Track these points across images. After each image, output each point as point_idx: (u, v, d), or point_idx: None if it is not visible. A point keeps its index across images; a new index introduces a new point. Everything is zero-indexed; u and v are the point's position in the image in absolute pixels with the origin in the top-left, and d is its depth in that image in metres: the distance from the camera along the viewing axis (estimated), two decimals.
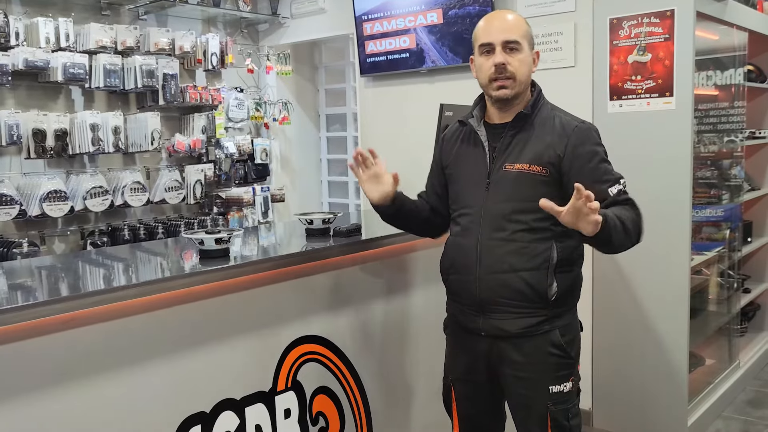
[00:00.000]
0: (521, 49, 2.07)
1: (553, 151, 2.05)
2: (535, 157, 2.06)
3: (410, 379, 2.83)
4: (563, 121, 2.10)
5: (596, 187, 1.98)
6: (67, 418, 1.81)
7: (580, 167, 2.04)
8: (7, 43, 3.78)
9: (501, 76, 2.06)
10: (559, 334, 2.10)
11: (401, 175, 2.28)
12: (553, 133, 2.07)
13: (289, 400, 2.34)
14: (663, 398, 3.40)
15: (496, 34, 2.07)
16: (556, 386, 2.10)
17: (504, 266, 2.06)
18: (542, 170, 2.05)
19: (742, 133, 4.16)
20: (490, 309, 2.10)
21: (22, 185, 3.90)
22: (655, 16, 3.22)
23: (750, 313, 4.67)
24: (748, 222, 4.48)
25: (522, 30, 2.09)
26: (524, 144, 2.09)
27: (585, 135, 2.08)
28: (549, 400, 2.09)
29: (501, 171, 2.10)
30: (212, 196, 4.90)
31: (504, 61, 2.05)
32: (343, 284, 2.55)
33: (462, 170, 2.21)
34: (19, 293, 1.99)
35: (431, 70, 4.27)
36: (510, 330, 2.09)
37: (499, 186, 2.09)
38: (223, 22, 5.11)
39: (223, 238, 2.22)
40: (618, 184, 2.03)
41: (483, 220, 2.10)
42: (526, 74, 2.10)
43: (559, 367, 2.10)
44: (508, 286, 2.06)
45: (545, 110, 2.14)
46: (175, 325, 2.03)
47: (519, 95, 2.11)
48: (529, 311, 2.08)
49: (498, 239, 2.07)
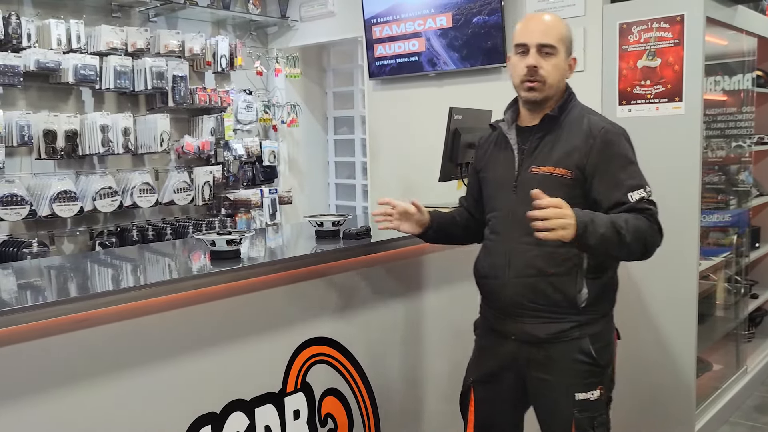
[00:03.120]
0: (556, 53, 2.04)
1: (579, 153, 2.02)
2: (561, 159, 2.04)
3: (419, 382, 2.83)
4: (591, 122, 2.06)
5: (615, 192, 1.97)
6: (78, 418, 1.82)
7: (604, 170, 2.00)
8: (19, 45, 3.80)
9: (531, 78, 2.04)
10: (590, 341, 2.06)
11: (409, 177, 2.29)
12: (579, 135, 2.04)
13: (299, 402, 2.35)
14: (670, 403, 3.40)
15: (532, 35, 2.04)
16: (583, 393, 2.06)
17: (532, 270, 2.04)
18: (567, 173, 2.02)
19: (751, 139, 4.15)
20: (519, 313, 2.09)
21: (33, 185, 3.92)
22: (665, 21, 3.22)
23: (757, 319, 4.66)
24: (755, 227, 4.47)
25: (560, 34, 2.06)
26: (552, 146, 2.06)
27: (612, 137, 2.04)
28: (574, 407, 2.06)
29: (528, 173, 2.08)
30: (220, 197, 4.92)
31: (536, 64, 2.03)
32: (353, 286, 2.55)
33: (492, 173, 2.21)
34: (30, 293, 2.00)
35: (440, 73, 4.28)
36: (539, 335, 2.07)
37: (526, 189, 2.01)
38: (232, 24, 5.13)
39: (234, 239, 2.23)
40: (640, 191, 1.98)
41: (512, 224, 2.08)
42: (558, 79, 2.07)
43: (587, 374, 2.06)
44: (536, 290, 2.04)
45: (575, 112, 2.10)
46: (186, 326, 2.04)
47: (548, 99, 2.08)
48: (559, 316, 2.05)
49: (526, 243, 2.03)
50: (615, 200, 1.98)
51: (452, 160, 3.12)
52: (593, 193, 2.02)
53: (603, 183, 2.00)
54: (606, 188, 1.99)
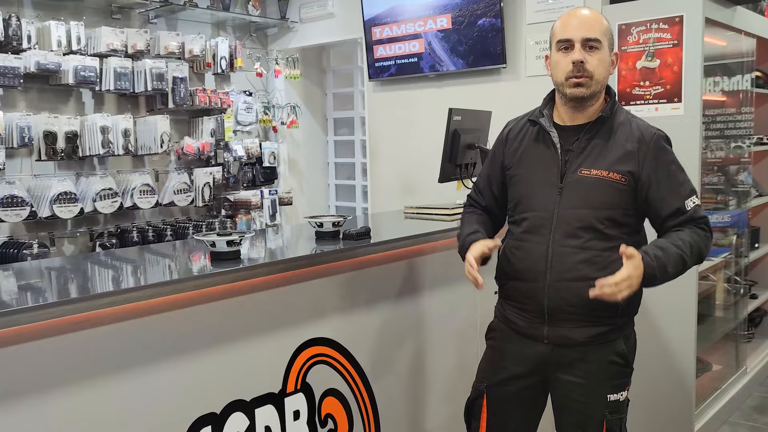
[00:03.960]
0: (601, 47, 1.99)
1: (633, 159, 1.99)
2: (614, 163, 1.99)
3: (419, 382, 2.83)
4: (641, 127, 2.03)
5: (673, 200, 1.98)
6: (78, 419, 1.82)
7: (660, 178, 1.99)
8: (19, 46, 3.81)
9: (578, 74, 1.97)
10: (623, 342, 2.08)
11: (409, 178, 2.28)
12: (632, 140, 2.00)
13: (299, 402, 2.35)
14: (670, 403, 3.40)
15: (576, 30, 1.98)
16: (614, 395, 2.05)
17: (576, 274, 1.98)
18: (621, 178, 1.98)
19: (750, 139, 4.16)
20: (558, 317, 2.03)
21: (33, 187, 3.92)
22: (664, 22, 3.23)
23: (757, 319, 4.66)
24: (755, 228, 4.48)
25: (603, 28, 2.01)
26: (601, 149, 2.01)
27: (664, 144, 2.02)
28: (606, 409, 2.04)
29: (576, 175, 2.01)
30: (220, 198, 4.92)
31: (583, 59, 1.96)
32: (353, 287, 2.56)
33: (529, 172, 2.11)
34: (30, 294, 2.01)
35: (440, 74, 4.28)
36: (577, 338, 2.04)
37: (574, 191, 2.00)
38: (232, 26, 5.13)
39: (234, 240, 2.23)
40: (694, 197, 1.98)
41: (555, 226, 2.02)
42: (604, 75, 2.02)
43: (619, 375, 2.07)
44: (579, 295, 1.97)
45: (621, 115, 2.06)
46: (186, 326, 2.05)
47: (593, 96, 2.02)
48: (598, 320, 2.03)
49: (571, 246, 1.99)
50: (674, 208, 1.98)
51: (452, 161, 3.13)
52: (650, 200, 1.99)
53: (660, 191, 1.98)
54: (664, 196, 1.98)
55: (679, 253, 1.92)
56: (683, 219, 1.98)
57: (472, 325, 3.00)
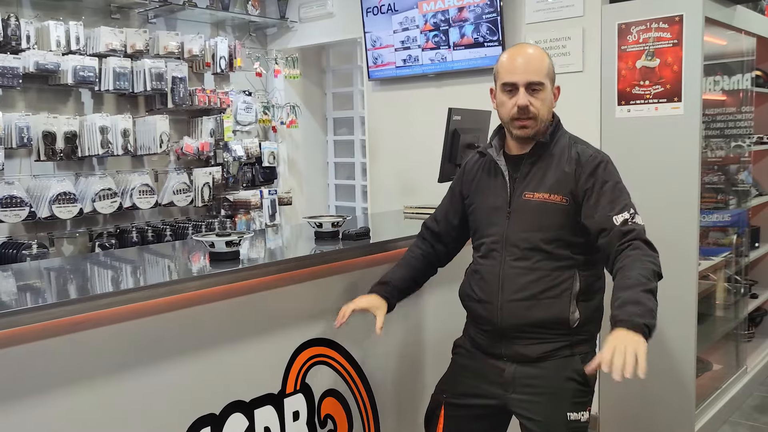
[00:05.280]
0: (544, 88, 2.07)
1: (571, 181, 2.05)
2: (555, 186, 2.06)
3: (419, 383, 2.83)
4: (580, 150, 2.10)
5: (601, 216, 2.00)
6: (77, 420, 1.82)
7: (590, 196, 2.03)
8: (18, 46, 3.80)
9: (523, 116, 2.06)
10: (580, 360, 2.08)
11: (408, 178, 2.31)
12: (570, 163, 2.07)
13: (298, 403, 2.35)
14: (670, 403, 3.40)
15: (520, 74, 2.05)
16: (574, 414, 2.07)
17: (526, 294, 2.06)
18: (563, 199, 2.05)
19: (750, 139, 4.15)
20: (512, 335, 2.10)
21: (32, 187, 3.92)
22: (664, 22, 3.23)
23: (757, 319, 4.66)
24: (755, 227, 4.48)
25: (545, 68, 2.08)
26: (543, 173, 2.09)
27: (599, 164, 2.06)
28: (566, 428, 2.07)
29: (521, 200, 2.10)
30: (220, 198, 4.92)
31: (527, 103, 2.04)
32: (352, 287, 2.55)
33: (483, 200, 2.21)
34: (29, 295, 2.00)
35: (439, 74, 4.28)
36: (531, 355, 2.09)
37: (520, 214, 2.10)
38: (231, 25, 5.13)
39: (233, 240, 2.23)
40: (624, 213, 1.98)
41: (506, 249, 2.10)
42: (547, 112, 2.10)
43: (578, 393, 2.08)
44: (529, 313, 2.06)
45: (563, 140, 2.14)
46: (185, 327, 2.04)
47: (539, 133, 2.10)
48: (552, 337, 2.08)
49: (520, 268, 2.08)
50: (602, 225, 2.00)
51: (451, 160, 3.13)
52: (585, 217, 2.04)
53: (590, 208, 2.03)
54: (593, 213, 2.02)
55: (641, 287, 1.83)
56: (612, 235, 1.96)
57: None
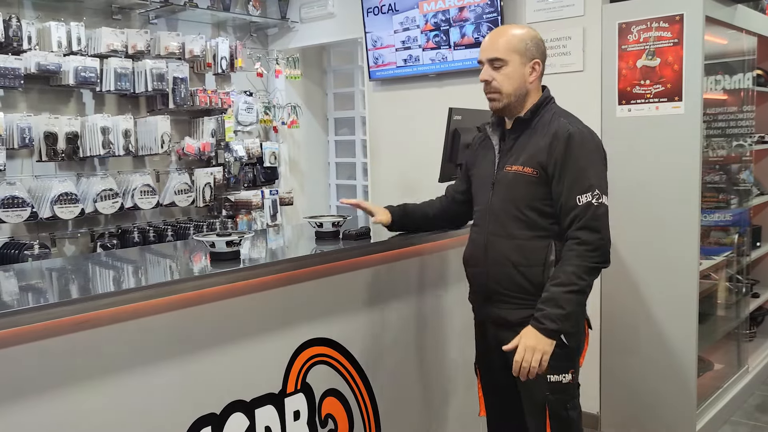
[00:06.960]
0: (507, 63, 2.19)
1: (543, 154, 2.16)
2: (528, 159, 2.19)
3: (419, 382, 2.83)
4: (560, 124, 2.18)
5: (568, 194, 2.11)
6: (77, 420, 1.82)
7: (562, 172, 2.13)
8: (19, 47, 3.81)
9: (487, 91, 2.24)
10: None
11: (409, 178, 2.35)
12: (547, 136, 2.17)
13: (299, 402, 2.35)
14: (671, 403, 3.40)
15: (483, 51, 2.24)
16: (555, 376, 2.17)
17: (505, 261, 2.22)
18: (533, 171, 2.17)
19: (751, 138, 4.15)
20: (497, 299, 2.26)
21: (34, 187, 3.92)
22: (664, 21, 3.23)
23: (759, 318, 4.66)
24: (756, 226, 4.48)
25: (507, 45, 2.19)
26: (524, 146, 2.22)
27: (574, 140, 2.14)
28: (547, 390, 2.17)
29: (502, 172, 2.25)
30: (221, 199, 4.92)
31: (488, 77, 2.21)
32: (353, 287, 2.56)
33: (478, 171, 2.40)
34: (31, 295, 2.01)
35: (440, 74, 4.28)
36: (510, 319, 2.23)
37: (501, 185, 2.25)
38: (232, 26, 5.13)
39: (234, 240, 2.23)
40: (588, 194, 2.10)
41: (488, 217, 2.27)
42: (513, 87, 2.21)
43: (558, 357, 2.13)
44: (510, 279, 2.22)
45: (547, 115, 2.23)
46: (186, 327, 2.05)
47: (511, 105, 2.23)
48: (528, 303, 2.17)
49: (500, 236, 2.24)
50: (567, 203, 2.12)
51: (452, 160, 3.12)
52: (554, 193, 2.16)
53: (560, 184, 2.14)
54: (561, 190, 2.14)
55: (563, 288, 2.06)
56: (567, 219, 2.11)
57: (471, 325, 3.00)
